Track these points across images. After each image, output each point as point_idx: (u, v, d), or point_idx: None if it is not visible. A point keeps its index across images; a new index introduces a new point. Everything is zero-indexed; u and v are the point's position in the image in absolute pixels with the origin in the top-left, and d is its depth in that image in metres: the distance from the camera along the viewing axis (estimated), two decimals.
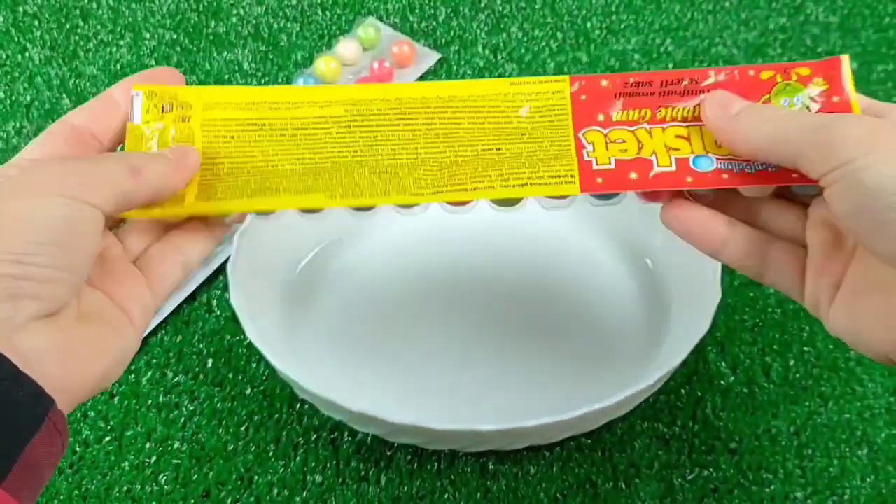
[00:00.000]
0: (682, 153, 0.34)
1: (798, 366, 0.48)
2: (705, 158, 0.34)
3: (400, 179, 0.35)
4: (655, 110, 0.35)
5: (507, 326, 0.49)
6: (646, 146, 0.34)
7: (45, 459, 0.28)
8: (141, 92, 0.35)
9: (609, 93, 0.35)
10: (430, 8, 0.68)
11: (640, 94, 0.35)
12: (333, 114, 0.36)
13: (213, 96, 0.36)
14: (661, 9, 0.68)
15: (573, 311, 0.49)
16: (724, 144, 0.34)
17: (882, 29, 0.66)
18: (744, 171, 0.33)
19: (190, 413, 0.47)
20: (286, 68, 0.64)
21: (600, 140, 0.35)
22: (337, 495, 0.44)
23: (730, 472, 0.44)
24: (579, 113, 0.35)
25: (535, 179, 0.34)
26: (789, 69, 0.35)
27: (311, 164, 0.35)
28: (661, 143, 0.34)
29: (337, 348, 0.48)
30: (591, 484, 0.44)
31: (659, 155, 0.34)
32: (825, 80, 0.34)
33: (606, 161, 0.34)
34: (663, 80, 0.35)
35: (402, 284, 0.51)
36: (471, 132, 0.35)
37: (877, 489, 0.44)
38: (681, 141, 0.34)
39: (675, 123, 0.35)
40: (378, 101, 0.36)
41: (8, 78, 0.64)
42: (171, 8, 0.68)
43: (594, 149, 0.35)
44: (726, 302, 0.50)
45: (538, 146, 0.35)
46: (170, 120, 0.36)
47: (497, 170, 0.35)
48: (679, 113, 0.35)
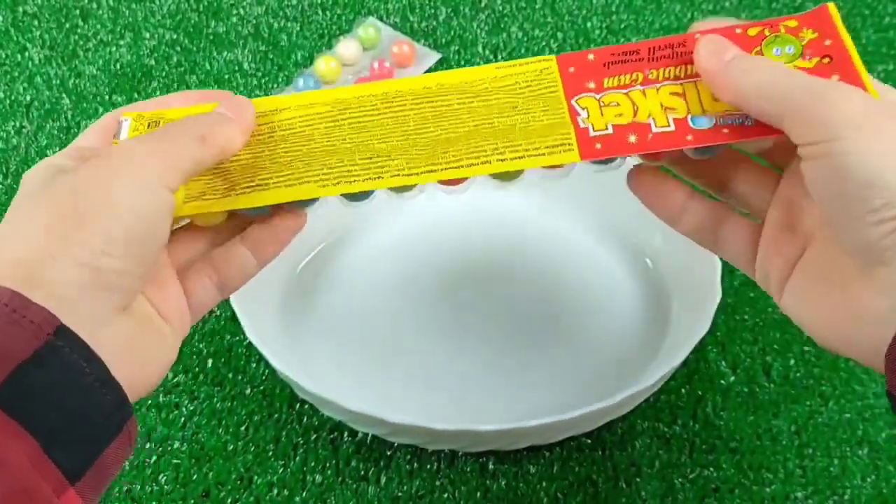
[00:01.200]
0: (678, 113, 0.33)
1: (798, 365, 0.48)
2: (703, 118, 0.33)
3: (392, 161, 0.34)
4: (647, 72, 0.34)
5: (507, 327, 0.49)
6: (641, 108, 0.34)
7: (115, 465, 0.28)
8: (130, 118, 0.35)
9: (597, 63, 0.35)
10: (430, 8, 0.68)
11: (628, 60, 0.35)
12: (319, 111, 0.36)
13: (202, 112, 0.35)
14: (661, 9, 0.68)
15: (573, 311, 0.49)
16: (713, 90, 0.33)
17: (882, 29, 0.66)
18: (743, 124, 0.33)
19: (190, 413, 0.47)
20: (286, 68, 0.64)
21: (594, 105, 0.34)
22: (337, 495, 0.44)
23: (730, 472, 0.44)
24: (569, 82, 0.35)
25: (532, 151, 0.34)
26: (776, 23, 0.34)
27: (299, 154, 0.35)
28: (657, 104, 0.34)
29: (337, 348, 0.48)
30: (591, 483, 0.44)
31: (655, 117, 0.34)
32: (814, 30, 0.34)
33: (603, 126, 0.34)
34: (651, 47, 0.35)
35: (401, 285, 0.51)
36: (461, 111, 0.35)
37: (877, 489, 0.44)
38: (676, 99, 0.34)
39: (668, 82, 0.34)
40: (365, 97, 0.36)
41: (8, 78, 0.64)
42: (171, 8, 0.68)
43: (589, 114, 0.34)
44: (726, 302, 0.50)
45: (531, 117, 0.34)
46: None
47: (492, 143, 0.34)
48: (671, 72, 0.34)
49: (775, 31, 0.34)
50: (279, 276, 0.49)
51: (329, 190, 0.34)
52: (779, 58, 0.33)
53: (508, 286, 0.50)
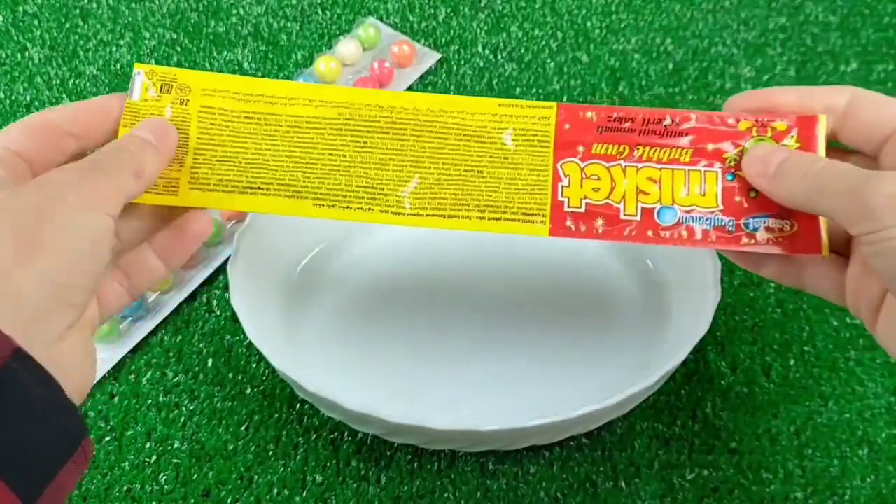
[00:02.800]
0: (650, 200, 0.36)
1: (798, 366, 0.48)
2: (670, 211, 0.36)
3: (384, 196, 0.36)
4: (634, 148, 0.36)
5: (507, 326, 0.49)
6: (618, 187, 0.36)
7: (71, 483, 0.28)
8: (142, 71, 0.37)
9: (592, 125, 0.37)
10: (430, 8, 0.68)
11: (621, 129, 0.37)
12: (327, 115, 0.37)
13: (213, 83, 0.37)
14: (661, 8, 0.68)
15: (573, 310, 0.49)
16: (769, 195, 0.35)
17: (882, 29, 0.66)
18: (703, 227, 0.36)
19: (190, 413, 0.47)
20: (286, 68, 0.64)
21: (577, 174, 0.36)
22: (337, 495, 0.44)
23: (730, 472, 0.44)
24: (561, 141, 0.37)
25: (510, 214, 0.36)
26: (767, 123, 0.36)
27: (301, 162, 0.37)
28: (633, 185, 0.36)
29: (337, 348, 0.48)
30: (591, 483, 0.44)
31: (627, 201, 0.36)
32: (798, 138, 0.35)
33: (578, 203, 0.36)
34: (645, 117, 0.37)
35: (401, 284, 0.51)
36: (456, 150, 0.37)
37: (877, 489, 0.44)
38: (651, 184, 0.36)
39: (650, 164, 0.36)
40: (371, 108, 0.37)
41: (8, 78, 0.64)
42: (171, 8, 0.68)
43: (569, 183, 0.36)
44: (726, 302, 0.50)
45: (517, 173, 0.36)
46: (167, 100, 0.37)
47: (476, 197, 0.36)
48: (655, 154, 0.36)
49: (762, 132, 0.36)
50: (279, 276, 0.49)
51: (324, 212, 0.36)
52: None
53: (508, 286, 0.50)
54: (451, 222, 0.36)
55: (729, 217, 0.36)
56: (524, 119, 0.37)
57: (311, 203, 0.36)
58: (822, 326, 0.50)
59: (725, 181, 0.36)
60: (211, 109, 0.37)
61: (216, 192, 0.36)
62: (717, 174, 0.36)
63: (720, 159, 0.36)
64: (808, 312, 0.50)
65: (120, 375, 0.48)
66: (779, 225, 0.35)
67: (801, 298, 0.51)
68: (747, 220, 0.36)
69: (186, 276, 0.52)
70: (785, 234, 0.35)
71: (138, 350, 0.49)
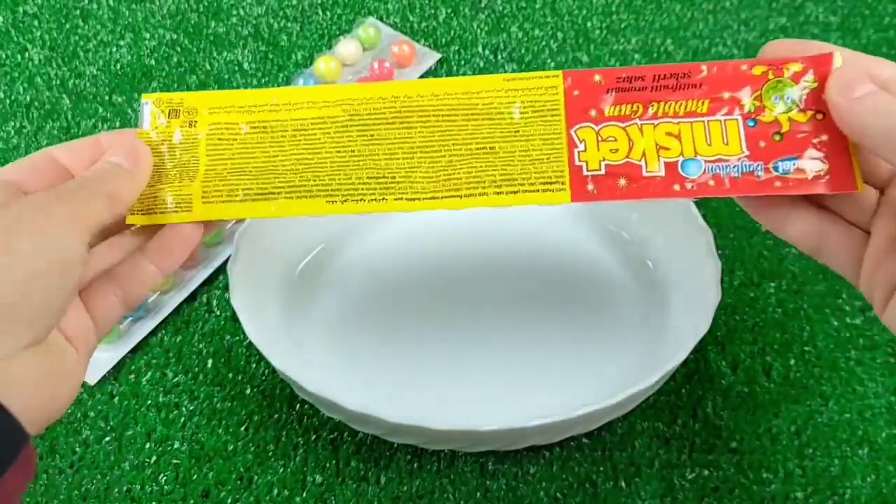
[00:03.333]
0: (671, 154, 0.35)
1: (798, 365, 0.48)
2: (694, 162, 0.35)
3: (397, 184, 0.36)
4: (647, 105, 0.35)
5: (507, 326, 0.49)
6: (636, 145, 0.35)
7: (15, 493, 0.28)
8: (150, 101, 0.37)
9: (602, 88, 0.36)
10: (430, 8, 0.68)
11: (632, 88, 0.36)
12: (331, 114, 0.37)
13: (218, 101, 0.38)
14: (662, 8, 0.68)
15: (573, 310, 0.49)
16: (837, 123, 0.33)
17: (882, 29, 0.66)
18: (730, 174, 0.34)
19: (190, 413, 0.47)
20: (286, 68, 0.64)
21: (592, 138, 0.35)
22: (337, 495, 0.44)
23: (730, 472, 0.44)
24: (572, 108, 0.36)
25: (528, 186, 0.35)
26: (781, 65, 0.35)
27: (310, 164, 0.37)
28: (652, 142, 0.35)
29: (337, 348, 0.48)
30: (591, 483, 0.44)
31: (648, 158, 0.35)
32: (816, 77, 0.35)
33: (597, 165, 0.35)
34: (656, 74, 0.36)
35: (401, 284, 0.51)
36: (465, 129, 0.36)
37: (877, 489, 0.44)
38: (671, 139, 0.35)
39: (666, 119, 0.35)
40: (375, 101, 0.37)
41: (8, 78, 0.64)
42: (171, 8, 0.68)
43: (586, 148, 0.35)
44: (726, 302, 0.50)
45: (531, 144, 0.36)
46: (176, 125, 0.37)
47: (490, 174, 0.36)
48: (671, 108, 0.35)
49: (778, 74, 0.35)
50: (279, 276, 0.49)
51: (337, 208, 0.36)
52: (776, 105, 0.35)
53: (509, 286, 0.50)
54: (468, 201, 0.35)
55: (757, 162, 0.34)
56: (532, 91, 0.36)
57: (324, 201, 0.36)
58: (823, 326, 0.50)
59: (747, 127, 0.35)
60: (218, 126, 0.37)
61: (229, 204, 0.36)
62: (738, 122, 0.35)
63: (739, 106, 0.35)
64: (808, 312, 0.50)
65: (120, 375, 0.48)
66: (809, 164, 0.34)
67: (802, 298, 0.51)
68: (776, 163, 0.34)
69: (186, 276, 0.52)
70: (818, 173, 0.34)
71: (138, 350, 0.49)
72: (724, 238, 0.53)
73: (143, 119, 0.37)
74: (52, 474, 0.45)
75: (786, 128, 0.35)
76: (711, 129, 0.35)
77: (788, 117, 0.35)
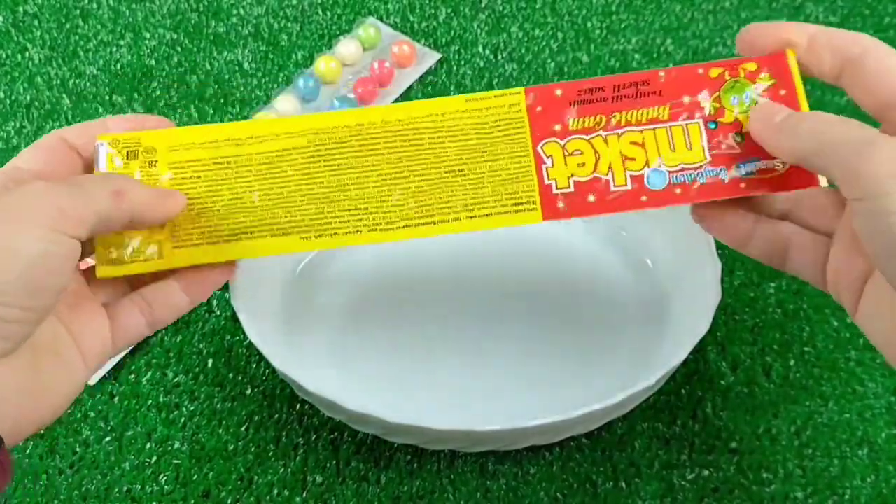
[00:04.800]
0: (637, 165, 0.35)
1: (798, 366, 0.48)
2: (659, 173, 0.35)
3: (370, 214, 0.36)
4: (610, 115, 0.36)
5: (506, 326, 0.49)
6: (602, 158, 0.36)
7: None
8: (105, 141, 0.35)
9: (564, 101, 0.36)
10: (430, 8, 0.68)
11: (594, 100, 0.36)
12: (296, 145, 0.36)
13: (177, 138, 0.36)
14: (661, 9, 0.68)
15: (573, 310, 0.49)
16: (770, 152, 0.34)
17: (882, 29, 0.66)
18: (696, 181, 0.35)
19: (190, 413, 0.47)
20: (286, 68, 0.64)
21: (558, 153, 0.36)
22: (337, 495, 0.44)
23: (730, 472, 0.44)
24: (536, 124, 0.36)
25: (499, 207, 0.36)
26: (736, 65, 0.36)
27: (279, 199, 0.36)
28: (617, 153, 0.36)
29: (337, 348, 0.48)
30: (591, 483, 0.44)
31: (615, 171, 0.35)
32: (771, 75, 0.35)
33: (566, 183, 0.36)
34: (615, 84, 0.36)
35: (402, 284, 0.51)
36: (433, 152, 0.36)
37: (877, 489, 0.44)
38: (636, 148, 0.36)
39: (629, 128, 0.36)
40: (339, 129, 0.36)
41: (8, 78, 0.64)
42: (171, 8, 0.68)
43: (553, 163, 0.36)
44: (726, 302, 0.50)
45: (499, 164, 0.36)
46: (135, 167, 0.36)
47: (461, 197, 0.36)
48: (634, 116, 0.36)
49: (734, 74, 0.36)
50: (279, 276, 0.49)
51: (312, 244, 0.36)
52: (734, 106, 0.35)
53: (508, 286, 0.50)
54: (442, 227, 0.36)
55: (719, 167, 0.35)
56: (495, 110, 0.36)
57: (298, 238, 0.35)
58: (823, 326, 0.50)
59: (709, 130, 0.35)
60: (180, 165, 0.36)
61: (201, 247, 0.35)
62: (700, 125, 0.36)
63: (699, 109, 0.36)
64: (808, 312, 0.50)
65: (120, 375, 0.48)
66: (770, 165, 0.35)
67: (802, 298, 0.51)
68: (738, 165, 0.35)
69: None
70: (779, 172, 0.35)
71: (138, 350, 0.49)
72: None
73: (99, 162, 0.35)
74: (52, 474, 0.45)
75: (745, 127, 0.35)
76: (674, 134, 0.36)
77: (747, 116, 0.35)
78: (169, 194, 0.34)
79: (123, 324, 0.35)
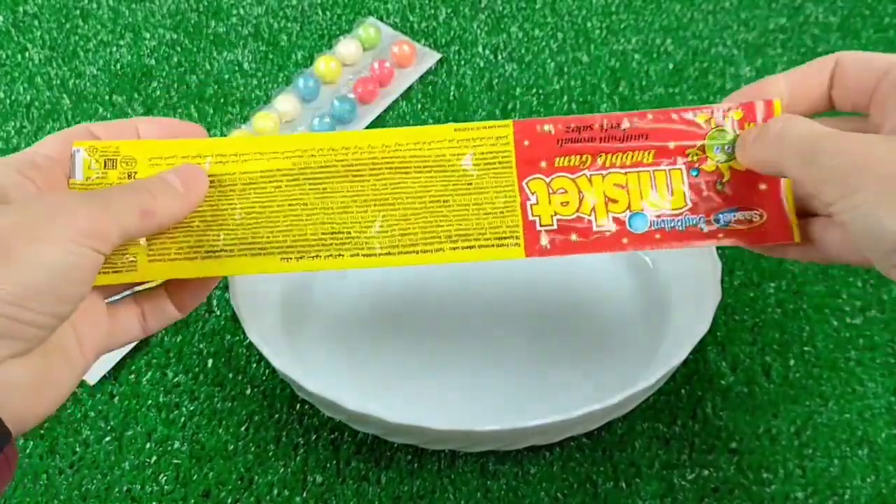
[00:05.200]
0: (619, 208, 0.36)
1: (798, 366, 0.48)
2: (641, 217, 0.36)
3: (352, 239, 0.36)
4: (596, 156, 0.36)
5: (507, 326, 0.49)
6: (586, 198, 0.36)
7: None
8: (82, 148, 0.35)
9: (551, 138, 0.36)
10: (430, 8, 0.68)
11: (580, 139, 0.36)
12: (281, 167, 0.36)
13: (158, 150, 0.36)
14: (661, 9, 0.68)
15: (573, 310, 0.49)
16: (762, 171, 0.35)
17: (882, 29, 0.66)
18: (675, 228, 0.36)
19: (190, 413, 0.47)
20: (286, 68, 0.64)
21: (543, 190, 0.36)
22: (337, 495, 0.44)
23: (730, 472, 0.44)
24: (522, 159, 0.36)
25: (483, 241, 0.36)
26: (725, 113, 0.36)
27: (261, 219, 0.36)
28: (601, 194, 0.36)
29: (337, 348, 0.48)
30: (591, 483, 0.44)
31: (598, 212, 0.36)
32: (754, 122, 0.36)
33: (549, 221, 0.36)
34: (602, 123, 0.36)
35: (402, 284, 0.51)
36: (418, 181, 0.36)
37: (877, 489, 0.44)
38: (619, 191, 0.36)
39: (614, 170, 0.36)
40: (325, 152, 0.36)
41: (8, 78, 0.64)
42: (171, 8, 0.68)
43: (538, 200, 0.36)
44: (726, 302, 0.50)
45: (484, 197, 0.36)
46: (114, 176, 0.35)
47: (445, 228, 0.36)
48: (619, 159, 0.36)
49: (720, 124, 0.36)
50: (279, 277, 0.49)
51: (292, 266, 0.36)
52: (717, 155, 0.36)
53: (508, 286, 0.50)
54: (424, 257, 0.35)
55: (699, 215, 0.36)
56: (482, 141, 0.36)
57: (278, 258, 0.35)
58: (822, 326, 0.50)
59: (691, 177, 0.36)
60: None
61: (177, 262, 0.35)
62: (682, 171, 0.36)
63: (683, 155, 0.36)
64: (808, 312, 0.50)
65: (120, 375, 0.48)
66: (748, 216, 0.36)
67: (802, 298, 0.51)
68: (717, 215, 0.36)
69: None
70: (755, 224, 0.35)
71: (138, 350, 0.49)
72: None
73: (75, 169, 0.35)
74: (52, 474, 0.45)
75: (727, 177, 0.36)
76: (657, 179, 0.36)
77: (729, 166, 0.36)
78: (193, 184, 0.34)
79: (122, 326, 0.35)
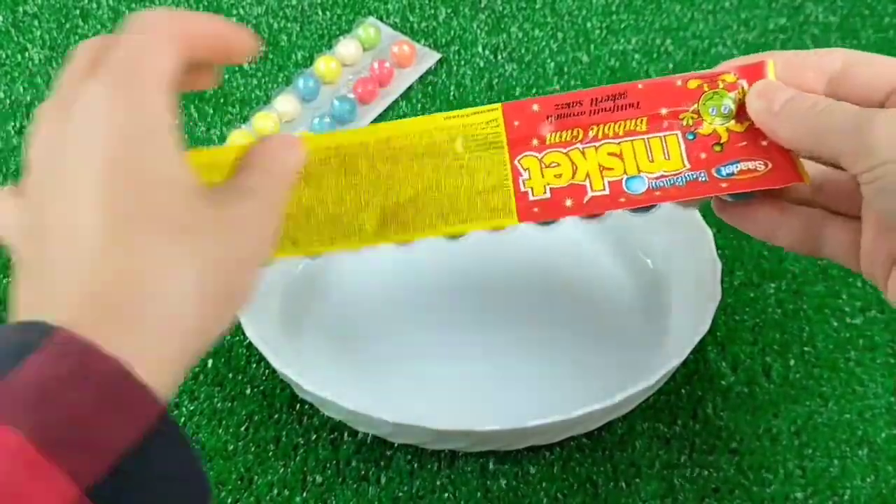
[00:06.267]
0: (615, 174, 0.35)
1: (798, 366, 0.48)
2: (638, 179, 0.35)
3: (344, 226, 0.36)
4: (587, 129, 0.36)
5: (506, 326, 0.49)
6: (580, 169, 0.35)
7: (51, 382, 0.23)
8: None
9: (541, 116, 0.36)
10: (430, 8, 0.68)
11: (571, 114, 0.36)
12: None
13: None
14: (661, 9, 0.68)
15: (573, 310, 0.49)
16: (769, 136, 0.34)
17: (882, 29, 0.66)
18: (675, 185, 0.35)
19: (190, 413, 0.47)
20: (286, 68, 0.64)
21: (535, 166, 0.36)
22: (337, 495, 0.44)
23: (730, 472, 0.44)
24: (514, 139, 0.36)
25: (475, 214, 0.36)
26: (715, 77, 0.36)
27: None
28: (595, 164, 0.35)
29: (337, 348, 0.48)
30: (591, 483, 0.44)
31: (592, 178, 0.35)
32: (749, 84, 0.35)
33: (542, 191, 0.35)
34: (593, 97, 0.36)
35: (401, 284, 0.51)
36: (410, 170, 0.36)
37: (877, 489, 0.44)
38: (614, 160, 0.35)
39: (607, 140, 0.36)
40: (319, 150, 0.36)
41: (8, 78, 0.64)
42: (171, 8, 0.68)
43: (530, 175, 0.36)
44: (726, 302, 0.50)
45: (475, 178, 0.36)
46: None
47: (438, 209, 0.36)
48: (611, 129, 0.36)
49: (713, 86, 0.36)
50: (279, 277, 0.49)
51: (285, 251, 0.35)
52: (714, 117, 0.35)
53: (508, 286, 0.50)
54: (417, 234, 0.36)
55: (699, 171, 0.35)
56: (472, 127, 0.36)
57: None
58: (822, 326, 0.50)
59: (687, 141, 0.35)
60: None
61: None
62: (678, 136, 0.36)
63: (677, 119, 0.36)
64: (808, 312, 0.50)
65: None
66: (751, 166, 0.35)
67: (802, 298, 0.51)
68: (719, 168, 0.35)
69: None
70: (760, 172, 0.35)
71: None
72: (724, 238, 0.53)
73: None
74: None
75: (724, 138, 0.36)
76: (652, 146, 0.36)
77: (726, 128, 0.35)
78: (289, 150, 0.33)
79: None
